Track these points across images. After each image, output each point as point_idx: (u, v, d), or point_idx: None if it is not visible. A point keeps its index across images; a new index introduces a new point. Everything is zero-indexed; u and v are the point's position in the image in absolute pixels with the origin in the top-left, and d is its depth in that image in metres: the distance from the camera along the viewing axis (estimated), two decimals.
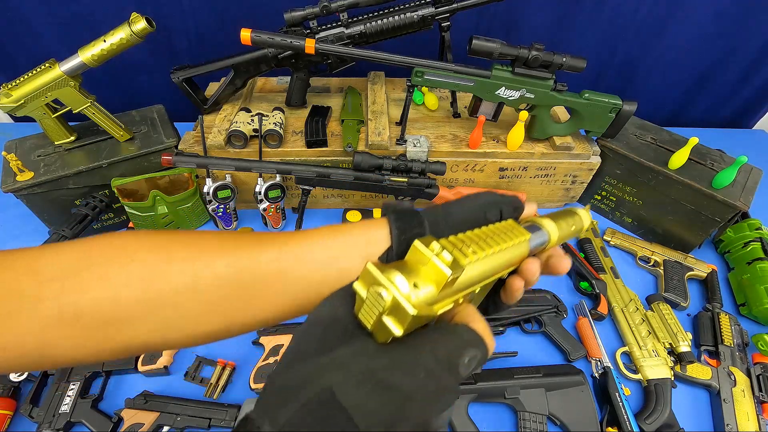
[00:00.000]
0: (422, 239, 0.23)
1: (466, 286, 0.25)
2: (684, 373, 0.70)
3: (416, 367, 0.20)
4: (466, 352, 0.22)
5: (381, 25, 0.82)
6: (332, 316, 0.23)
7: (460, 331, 0.23)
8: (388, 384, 0.19)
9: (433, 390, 0.20)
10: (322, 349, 0.21)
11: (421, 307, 0.20)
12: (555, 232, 0.34)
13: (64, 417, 0.62)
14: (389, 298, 0.20)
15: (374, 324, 0.21)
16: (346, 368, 0.20)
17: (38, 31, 1.01)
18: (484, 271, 0.26)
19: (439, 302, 0.22)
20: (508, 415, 0.67)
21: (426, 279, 0.22)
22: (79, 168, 0.78)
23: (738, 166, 0.76)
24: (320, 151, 0.85)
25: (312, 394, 0.19)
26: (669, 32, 1.09)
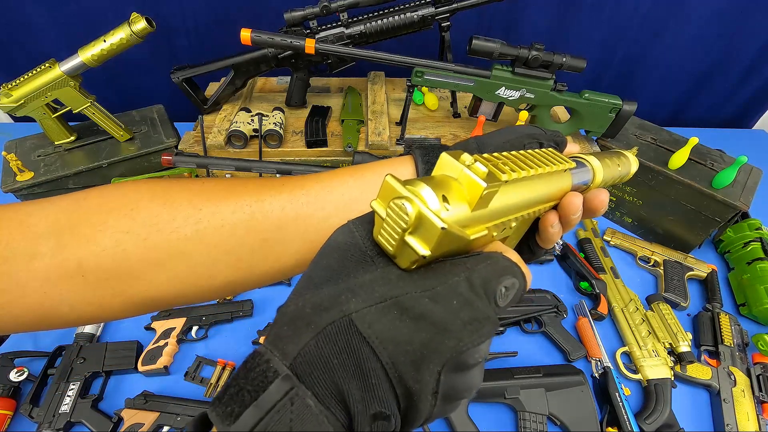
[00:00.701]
0: (451, 152, 0.19)
1: (502, 214, 0.21)
2: (684, 373, 0.70)
3: (448, 293, 0.18)
4: (503, 279, 0.19)
5: (381, 25, 0.82)
6: (349, 241, 0.20)
7: (497, 258, 0.20)
8: (416, 312, 0.17)
9: (468, 319, 0.17)
10: (337, 276, 0.19)
11: (452, 223, 0.17)
12: (600, 170, 0.30)
13: (64, 417, 0.62)
14: (414, 212, 0.17)
15: (397, 245, 0.18)
16: (366, 295, 0.17)
17: (38, 31, 1.01)
18: (521, 200, 0.23)
19: (472, 226, 0.19)
20: (508, 415, 0.67)
21: (457, 195, 0.18)
22: (79, 168, 0.79)
23: (738, 166, 0.76)
24: (320, 151, 0.85)
25: (327, 322, 0.17)
26: (669, 32, 1.09)
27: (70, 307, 0.26)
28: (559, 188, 0.26)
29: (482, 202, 0.19)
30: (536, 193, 0.24)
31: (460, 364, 0.17)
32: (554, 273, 0.88)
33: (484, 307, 0.18)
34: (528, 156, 0.24)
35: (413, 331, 0.16)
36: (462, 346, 0.16)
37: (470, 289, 0.18)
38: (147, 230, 0.26)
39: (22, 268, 0.25)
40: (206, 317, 0.74)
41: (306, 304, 0.18)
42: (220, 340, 0.74)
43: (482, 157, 0.20)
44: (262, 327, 0.74)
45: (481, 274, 0.18)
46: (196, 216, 0.27)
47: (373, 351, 0.16)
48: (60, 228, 0.26)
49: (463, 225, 0.18)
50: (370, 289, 0.17)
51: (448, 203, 0.18)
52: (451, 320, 0.17)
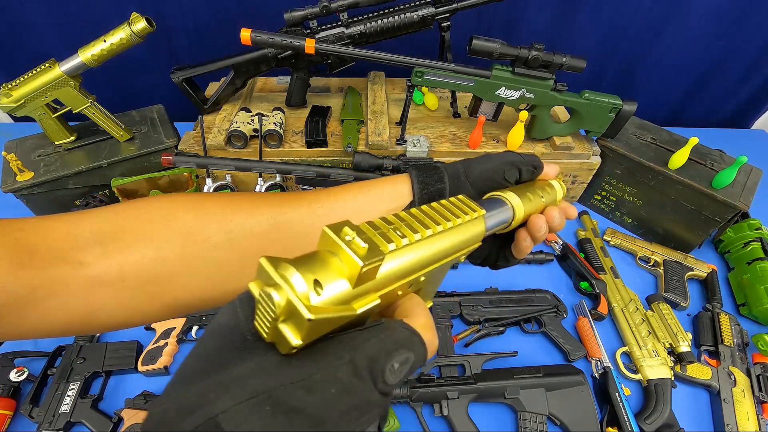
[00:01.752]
0: (333, 225, 0.19)
1: (400, 276, 0.21)
2: (684, 373, 0.70)
3: (326, 381, 0.17)
4: (395, 355, 0.18)
5: (381, 25, 0.82)
6: (231, 325, 0.19)
7: (391, 330, 0.19)
8: (289, 406, 0.16)
9: (347, 408, 0.16)
10: (213, 367, 0.17)
11: (324, 309, 0.17)
12: (520, 206, 0.32)
13: (64, 417, 0.62)
14: (282, 301, 0.16)
15: (271, 333, 0.17)
16: (238, 390, 0.16)
17: (38, 31, 1.01)
18: (423, 257, 0.23)
19: (360, 298, 0.19)
20: (508, 415, 0.67)
21: (337, 272, 0.18)
22: (79, 168, 0.79)
23: (738, 166, 0.76)
24: (320, 151, 0.85)
25: (192, 427, 0.15)
26: (669, 32, 1.09)
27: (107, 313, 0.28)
28: (473, 235, 0.27)
29: (364, 278, 0.18)
30: (443, 246, 0.24)
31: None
32: (554, 273, 0.88)
33: (366, 392, 0.17)
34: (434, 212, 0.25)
35: (286, 429, 0.15)
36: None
37: (353, 373, 0.17)
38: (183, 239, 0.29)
39: (71, 273, 0.26)
40: (206, 317, 0.74)
41: (171, 407, 0.16)
42: None
43: (373, 224, 0.21)
44: None
45: (368, 353, 0.18)
46: (228, 226, 0.30)
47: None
48: (104, 237, 0.28)
49: (346, 301, 0.18)
50: (243, 382, 0.16)
51: (321, 287, 0.17)
52: (327, 411, 0.16)
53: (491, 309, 0.77)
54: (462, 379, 0.66)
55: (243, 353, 0.18)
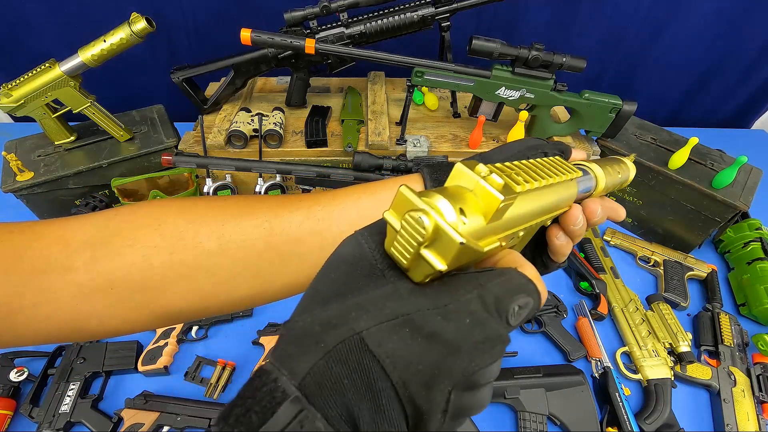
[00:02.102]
0: (466, 161, 0.19)
1: (514, 224, 0.21)
2: (684, 373, 0.70)
3: (461, 311, 0.17)
4: (517, 298, 0.18)
5: (381, 25, 0.82)
6: (357, 254, 0.19)
7: (511, 274, 0.19)
8: (427, 331, 0.16)
9: (480, 339, 0.17)
10: (346, 290, 0.18)
11: (469, 236, 0.16)
12: (602, 177, 0.31)
13: (64, 417, 0.62)
14: (431, 225, 0.16)
15: (411, 259, 0.17)
16: (377, 312, 0.17)
17: (38, 31, 1.01)
18: (532, 209, 0.22)
19: (486, 238, 0.19)
20: (508, 415, 0.67)
21: (473, 207, 0.18)
22: (79, 168, 0.79)
23: (738, 166, 0.76)
24: (320, 151, 0.85)
25: (338, 340, 0.16)
26: (669, 32, 1.09)
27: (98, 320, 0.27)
28: (567, 196, 0.26)
29: (498, 215, 0.18)
30: (545, 202, 0.24)
31: (470, 384, 0.16)
32: (554, 273, 0.87)
33: (496, 326, 0.17)
34: (539, 165, 0.23)
35: (425, 350, 0.16)
36: (474, 366, 0.16)
37: (483, 307, 0.18)
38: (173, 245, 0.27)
39: (58, 281, 0.26)
40: (206, 317, 0.74)
41: (314, 320, 0.17)
42: (220, 340, 0.74)
43: (496, 167, 0.20)
44: (261, 327, 0.74)
45: (494, 292, 0.18)
46: (219, 231, 0.28)
47: (384, 370, 0.16)
48: (93, 242, 0.27)
49: (478, 237, 0.18)
50: (380, 305, 0.17)
51: (465, 216, 0.17)
52: (463, 340, 0.16)
53: None
54: None
55: (374, 279, 0.18)
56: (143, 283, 0.27)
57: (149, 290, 0.27)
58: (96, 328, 0.28)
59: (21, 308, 0.25)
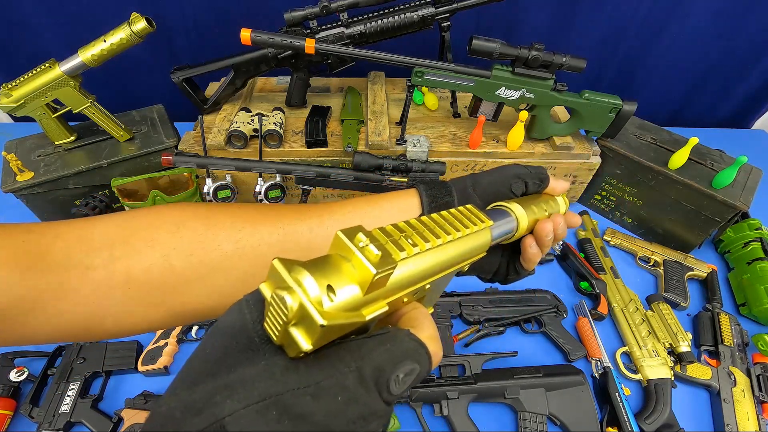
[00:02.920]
0: (347, 230, 0.19)
1: (408, 284, 0.22)
2: (684, 373, 0.70)
3: (333, 388, 0.17)
4: (401, 366, 0.18)
5: (381, 25, 0.82)
6: (238, 325, 0.19)
7: (399, 340, 0.19)
8: (296, 412, 0.16)
9: (354, 417, 0.16)
10: (219, 368, 0.17)
11: (336, 315, 0.17)
12: (524, 217, 0.33)
13: (64, 417, 0.62)
14: (295, 305, 0.16)
15: (281, 336, 0.17)
16: (245, 393, 0.16)
17: (38, 31, 1.01)
18: (432, 265, 0.23)
19: (368, 305, 0.19)
20: (508, 415, 0.67)
21: (349, 277, 0.18)
22: (79, 168, 0.78)
23: (738, 166, 0.76)
24: (320, 151, 0.85)
25: (198, 428, 0.15)
26: (669, 32, 1.09)
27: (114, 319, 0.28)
28: (479, 245, 0.28)
29: (376, 285, 0.18)
30: (449, 255, 0.24)
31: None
32: (554, 273, 0.88)
33: (372, 402, 0.17)
34: (443, 221, 0.25)
35: None
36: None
37: (359, 382, 0.17)
38: (192, 247, 0.28)
39: (78, 278, 0.26)
40: None
41: (178, 405, 0.16)
42: None
43: (386, 231, 0.21)
44: None
45: (375, 363, 0.18)
46: (237, 235, 0.30)
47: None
48: (113, 242, 0.28)
49: (356, 307, 0.18)
50: (250, 385, 0.16)
51: (334, 292, 0.17)
52: (333, 420, 0.16)
53: (491, 309, 0.77)
54: (462, 379, 0.66)
55: (250, 354, 0.18)
56: (162, 282, 0.28)
57: (168, 289, 0.28)
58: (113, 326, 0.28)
59: (40, 305, 0.26)
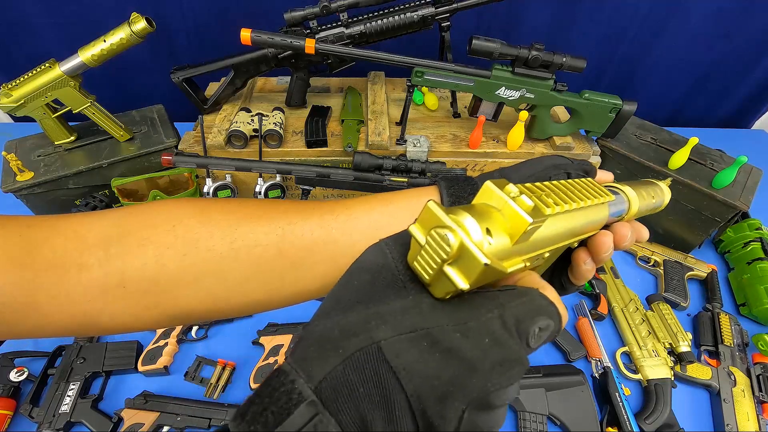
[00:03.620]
0: (496, 180, 0.19)
1: (540, 246, 0.21)
2: (684, 373, 0.70)
3: (481, 330, 0.17)
4: (538, 320, 0.18)
5: (381, 25, 0.82)
6: (381, 263, 0.19)
7: (533, 296, 0.19)
8: (446, 346, 0.16)
9: (499, 360, 0.16)
10: (367, 299, 0.18)
11: (494, 257, 0.16)
12: (636, 201, 0.30)
13: (64, 417, 0.62)
14: (456, 243, 0.16)
15: (434, 275, 0.17)
16: (397, 323, 0.17)
17: (38, 31, 1.01)
18: (560, 232, 0.22)
19: (510, 258, 0.18)
20: (508, 415, 0.67)
21: (500, 227, 0.18)
22: (79, 168, 0.78)
23: (738, 166, 0.76)
24: (320, 151, 0.85)
25: (356, 348, 0.16)
26: (669, 32, 1.09)
27: (109, 317, 0.27)
28: (598, 219, 0.26)
29: (524, 237, 0.18)
30: (574, 225, 0.23)
31: (485, 404, 0.16)
32: None
33: (515, 348, 0.17)
34: (570, 187, 0.23)
35: (441, 366, 0.16)
36: (490, 386, 0.16)
37: (503, 327, 0.17)
38: (186, 247, 0.28)
39: (72, 277, 0.26)
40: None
41: (334, 326, 0.17)
42: (220, 340, 0.74)
43: (526, 188, 0.20)
44: (261, 327, 0.74)
45: (515, 313, 0.18)
46: (232, 235, 0.28)
47: (399, 382, 0.16)
48: (108, 240, 0.27)
49: (503, 258, 0.18)
50: (400, 317, 0.17)
51: (491, 236, 0.17)
52: (480, 359, 0.16)
53: None
54: None
55: (396, 290, 0.18)
56: (156, 283, 0.27)
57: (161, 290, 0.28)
58: (107, 324, 0.28)
59: (35, 302, 0.26)
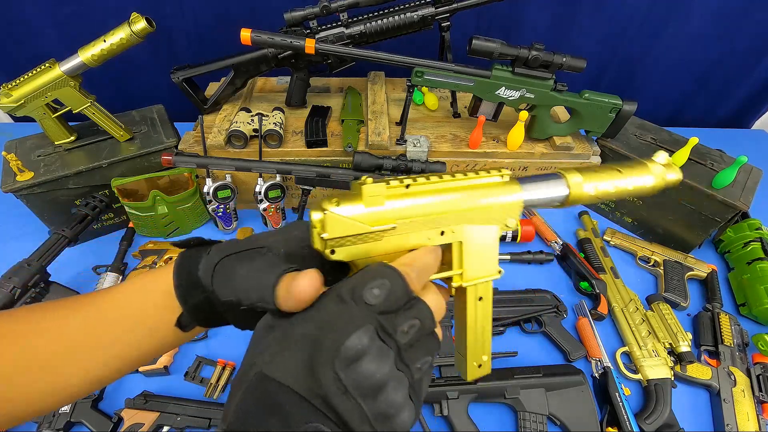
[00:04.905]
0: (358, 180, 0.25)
1: (413, 213, 0.26)
2: (684, 373, 0.70)
3: (318, 311, 0.22)
4: (371, 282, 0.22)
5: (381, 25, 0.82)
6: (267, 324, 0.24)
7: (372, 267, 0.23)
8: (296, 336, 0.21)
9: (334, 319, 0.21)
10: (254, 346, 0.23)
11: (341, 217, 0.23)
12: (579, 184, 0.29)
13: (64, 417, 0.62)
14: (318, 217, 0.23)
15: (318, 243, 0.24)
16: (269, 346, 0.21)
17: (38, 31, 1.01)
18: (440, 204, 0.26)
19: (375, 221, 0.25)
20: (508, 415, 0.67)
21: (355, 199, 0.24)
22: (79, 168, 0.78)
23: (738, 166, 0.76)
24: (320, 151, 0.85)
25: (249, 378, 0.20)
26: (669, 32, 1.09)
27: None
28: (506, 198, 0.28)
29: (371, 201, 0.24)
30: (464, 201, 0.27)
31: (347, 357, 0.19)
32: (554, 273, 0.88)
33: (349, 308, 0.21)
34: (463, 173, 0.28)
35: (299, 350, 0.20)
36: (334, 339, 0.20)
37: (338, 300, 0.22)
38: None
39: None
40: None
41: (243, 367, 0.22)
42: (220, 340, 0.74)
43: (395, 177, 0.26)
44: None
45: (348, 285, 0.22)
46: None
47: (282, 384, 0.19)
48: None
49: (364, 220, 0.24)
50: (273, 342, 0.22)
51: (339, 204, 0.24)
52: (320, 329, 0.21)
53: None
54: (462, 379, 0.66)
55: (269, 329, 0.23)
56: None
57: None
58: None
59: None
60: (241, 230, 0.90)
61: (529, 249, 0.89)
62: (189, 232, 0.91)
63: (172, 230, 0.89)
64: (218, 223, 0.90)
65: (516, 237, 0.90)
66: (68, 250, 0.79)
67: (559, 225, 0.96)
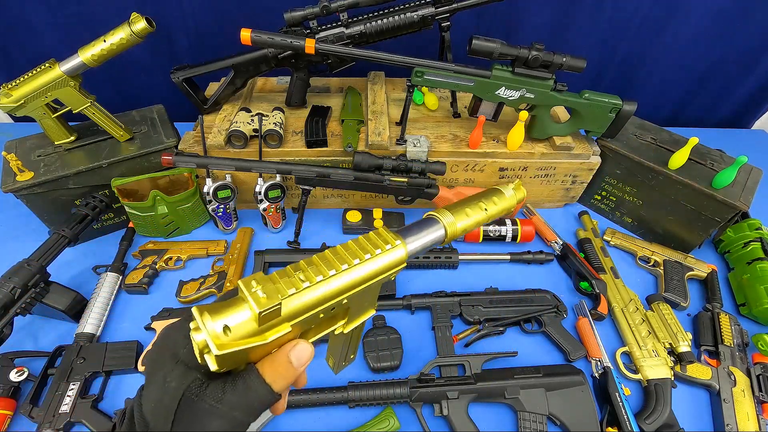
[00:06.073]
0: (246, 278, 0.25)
1: (307, 309, 0.26)
2: (684, 373, 0.70)
3: None
4: None
5: (381, 25, 0.82)
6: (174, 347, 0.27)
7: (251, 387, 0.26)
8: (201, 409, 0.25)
9: None
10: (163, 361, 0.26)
11: (231, 344, 0.23)
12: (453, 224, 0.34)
13: (64, 417, 0.62)
14: (201, 340, 0.24)
15: (201, 359, 0.25)
16: None
17: (38, 31, 1.01)
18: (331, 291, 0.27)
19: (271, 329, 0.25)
20: (508, 415, 0.67)
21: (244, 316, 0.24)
22: (79, 168, 0.78)
23: (738, 166, 0.76)
24: (320, 151, 0.85)
25: None
26: (669, 32, 1.09)
27: None
28: (393, 261, 0.30)
29: (266, 318, 0.24)
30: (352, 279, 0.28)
31: None
32: (554, 273, 0.88)
33: None
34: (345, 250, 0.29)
35: None
36: None
37: None
38: None
39: None
40: None
41: None
42: None
43: (282, 272, 0.26)
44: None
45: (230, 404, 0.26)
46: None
47: None
48: None
49: (256, 335, 0.25)
50: None
51: (230, 330, 0.24)
52: None
53: (491, 309, 0.77)
54: (462, 379, 0.66)
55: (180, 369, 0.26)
56: None
57: None
58: None
59: None
60: (242, 230, 0.90)
61: (529, 249, 0.89)
62: (189, 232, 0.91)
63: (172, 230, 0.89)
64: (218, 223, 0.90)
65: (516, 237, 0.90)
66: (68, 250, 0.79)
67: (559, 225, 0.96)
